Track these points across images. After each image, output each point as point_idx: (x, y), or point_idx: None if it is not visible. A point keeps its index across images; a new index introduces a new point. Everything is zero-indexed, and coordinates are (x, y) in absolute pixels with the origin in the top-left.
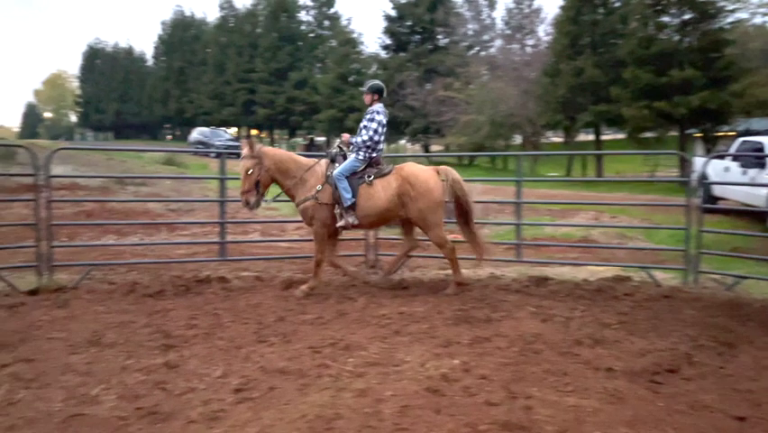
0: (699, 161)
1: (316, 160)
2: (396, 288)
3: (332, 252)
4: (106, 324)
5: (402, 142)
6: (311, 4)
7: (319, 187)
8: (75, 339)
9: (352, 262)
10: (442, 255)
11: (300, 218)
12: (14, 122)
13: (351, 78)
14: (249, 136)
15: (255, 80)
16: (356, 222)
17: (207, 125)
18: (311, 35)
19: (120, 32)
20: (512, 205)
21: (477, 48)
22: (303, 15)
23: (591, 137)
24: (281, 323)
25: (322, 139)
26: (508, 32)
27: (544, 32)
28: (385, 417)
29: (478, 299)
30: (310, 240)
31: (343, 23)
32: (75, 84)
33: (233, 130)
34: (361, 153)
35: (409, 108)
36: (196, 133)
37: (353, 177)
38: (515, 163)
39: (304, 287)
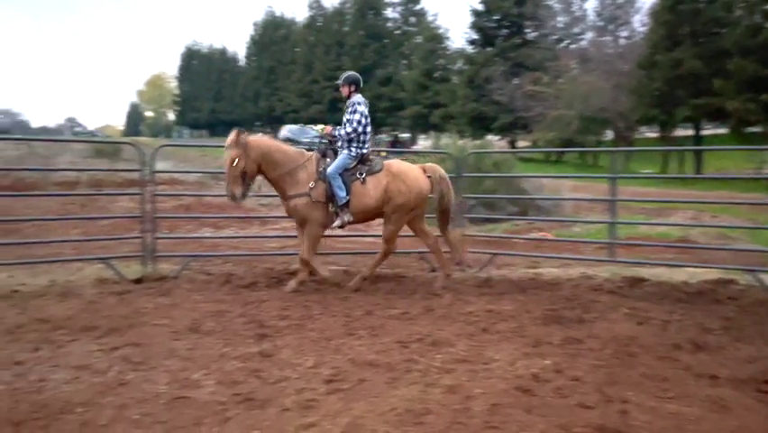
0: None
1: (305, 153)
2: (482, 285)
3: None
4: (205, 312)
5: (488, 137)
6: (397, 0)
7: (312, 184)
8: (177, 326)
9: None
10: (531, 254)
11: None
12: (119, 121)
13: (436, 75)
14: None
15: None
16: (351, 220)
17: (296, 123)
18: (397, 32)
19: (215, 34)
20: (602, 203)
21: (567, 41)
22: (389, 12)
23: (689, 132)
24: (369, 317)
25: (406, 136)
26: (601, 23)
27: (640, 22)
28: (474, 414)
29: (568, 299)
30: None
31: (429, 18)
32: (173, 84)
33: (320, 127)
34: (353, 149)
35: (496, 104)
36: (285, 131)
37: (345, 173)
38: (606, 160)
39: (293, 282)
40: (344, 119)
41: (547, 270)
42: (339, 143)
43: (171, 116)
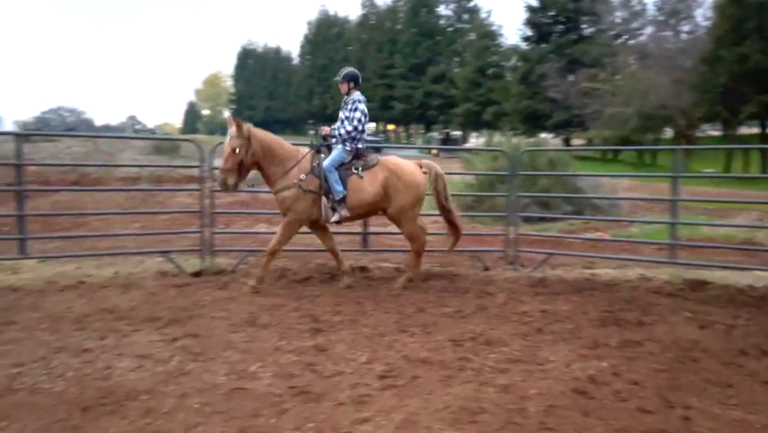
0: None
1: (301, 149)
2: (536, 285)
3: (328, 239)
4: (261, 306)
5: (542, 135)
6: None
7: (303, 176)
8: (234, 319)
9: (489, 258)
10: (587, 254)
11: (435, 211)
12: (177, 119)
13: (489, 72)
14: (237, 117)
15: (394, 76)
16: (348, 215)
17: None
18: (450, 29)
19: (270, 34)
20: (661, 203)
21: (625, 36)
22: (442, 10)
23: (755, 130)
24: (421, 314)
25: (458, 133)
26: (661, 18)
27: (703, 16)
28: (530, 415)
29: (626, 301)
30: (446, 234)
31: (483, 15)
32: (229, 83)
33: (372, 125)
34: (348, 144)
35: (550, 101)
36: None
37: (341, 168)
38: (664, 159)
39: (251, 281)
40: (342, 116)
41: (604, 270)
42: (334, 140)
43: (227, 114)
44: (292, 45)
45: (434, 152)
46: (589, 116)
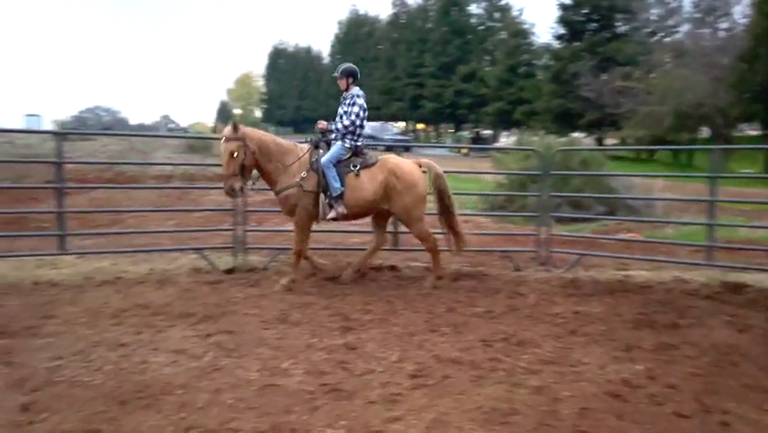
0: None
1: (298, 145)
2: (568, 286)
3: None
4: (292, 304)
5: (574, 134)
6: None
7: (304, 174)
8: (266, 316)
9: (520, 258)
10: (621, 255)
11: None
12: (209, 118)
13: (520, 70)
14: (232, 120)
15: (424, 75)
16: (345, 212)
17: (377, 120)
18: (480, 28)
19: (301, 34)
20: (697, 203)
21: (661, 34)
22: (473, 8)
23: None
24: (452, 314)
25: (488, 132)
26: (698, 15)
27: (740, 13)
28: (563, 417)
29: (661, 303)
30: (476, 233)
31: (514, 14)
32: (260, 83)
33: (401, 124)
34: (347, 141)
35: (583, 100)
36: (367, 128)
37: (339, 165)
38: (701, 159)
39: (283, 281)
40: (341, 111)
41: (638, 272)
42: (333, 136)
43: (258, 114)
44: (323, 44)
45: (465, 151)
46: (623, 115)
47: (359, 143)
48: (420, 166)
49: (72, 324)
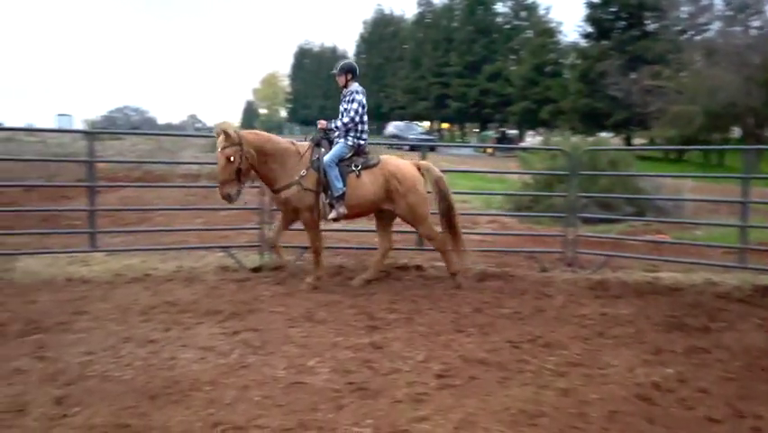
0: None
1: (296, 143)
2: (596, 288)
3: (280, 233)
4: (318, 302)
5: (602, 134)
6: None
7: (303, 172)
8: (292, 314)
9: (546, 259)
10: (650, 257)
11: (490, 211)
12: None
13: (547, 69)
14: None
15: (449, 74)
16: (346, 212)
17: (402, 119)
18: (507, 26)
19: (326, 34)
20: (728, 205)
21: (691, 32)
22: (499, 7)
23: None
24: (478, 314)
25: (514, 132)
26: (729, 13)
27: None
28: (591, 420)
29: (692, 306)
30: (503, 233)
31: (541, 12)
32: (286, 82)
33: (426, 123)
34: (350, 139)
35: (610, 99)
36: (392, 127)
37: (341, 164)
38: (732, 159)
39: (309, 279)
40: (341, 108)
41: (667, 274)
42: (336, 134)
43: (283, 113)
44: (348, 44)
45: (490, 150)
46: (652, 115)
47: (361, 142)
48: (419, 168)
49: (103, 320)
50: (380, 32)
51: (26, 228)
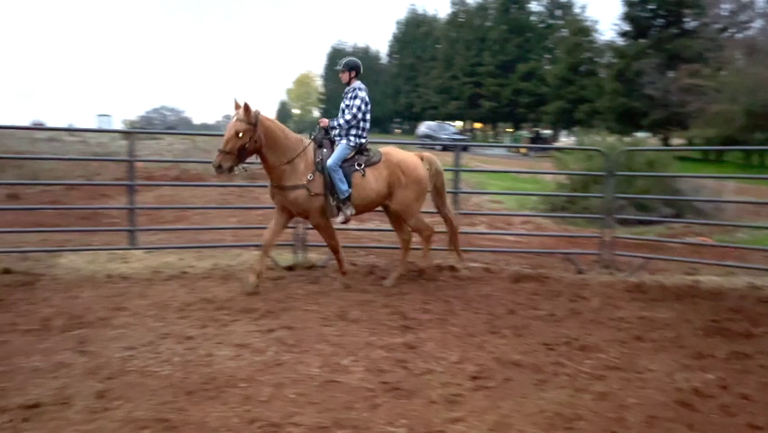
0: None
1: (304, 141)
2: (633, 291)
3: (274, 238)
4: (351, 301)
5: (638, 134)
6: None
7: (310, 176)
8: (325, 312)
9: (582, 261)
10: (689, 260)
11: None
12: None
13: (582, 68)
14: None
15: (482, 73)
16: (354, 213)
17: (434, 119)
18: (541, 25)
19: (359, 34)
20: None
21: (732, 30)
22: (533, 6)
23: None
24: (512, 316)
25: (547, 132)
26: None
27: None
28: (630, 425)
29: (733, 311)
30: (538, 234)
31: (576, 11)
32: (319, 82)
33: (459, 123)
34: (352, 138)
35: (647, 98)
36: (424, 127)
37: (344, 164)
38: None
39: (342, 277)
40: (343, 105)
41: (707, 277)
42: (336, 132)
43: (316, 113)
44: (380, 44)
45: (524, 150)
46: (691, 114)
47: (362, 140)
48: (422, 159)
49: (142, 316)
50: (413, 31)
51: (68, 225)
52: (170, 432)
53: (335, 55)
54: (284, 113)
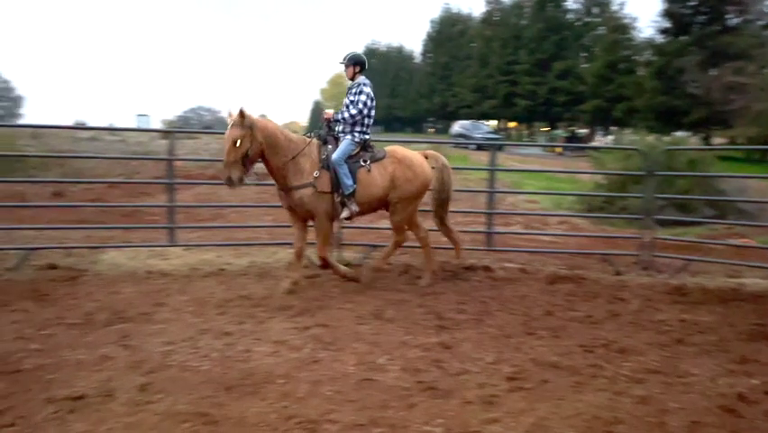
0: None
1: (306, 139)
2: (673, 293)
3: (302, 244)
4: (386, 300)
5: (678, 133)
6: None
7: (316, 173)
8: (361, 311)
9: (620, 262)
10: (733, 262)
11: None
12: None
13: (620, 66)
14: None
15: (518, 72)
16: (358, 210)
17: (468, 118)
18: (578, 23)
19: (393, 33)
20: None
21: None
22: (570, 4)
23: None
24: (549, 317)
25: (584, 131)
26: None
27: None
28: (671, 429)
29: None
30: (575, 235)
31: (614, 8)
32: None
33: (493, 122)
34: (356, 134)
35: (688, 97)
36: (458, 126)
37: (349, 161)
38: None
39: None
40: (347, 101)
41: (752, 280)
42: (341, 128)
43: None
44: (414, 44)
45: (559, 150)
46: (734, 113)
47: (367, 136)
48: (427, 158)
49: (181, 312)
50: (448, 30)
51: (110, 223)
52: (211, 426)
53: (370, 55)
54: (317, 112)
